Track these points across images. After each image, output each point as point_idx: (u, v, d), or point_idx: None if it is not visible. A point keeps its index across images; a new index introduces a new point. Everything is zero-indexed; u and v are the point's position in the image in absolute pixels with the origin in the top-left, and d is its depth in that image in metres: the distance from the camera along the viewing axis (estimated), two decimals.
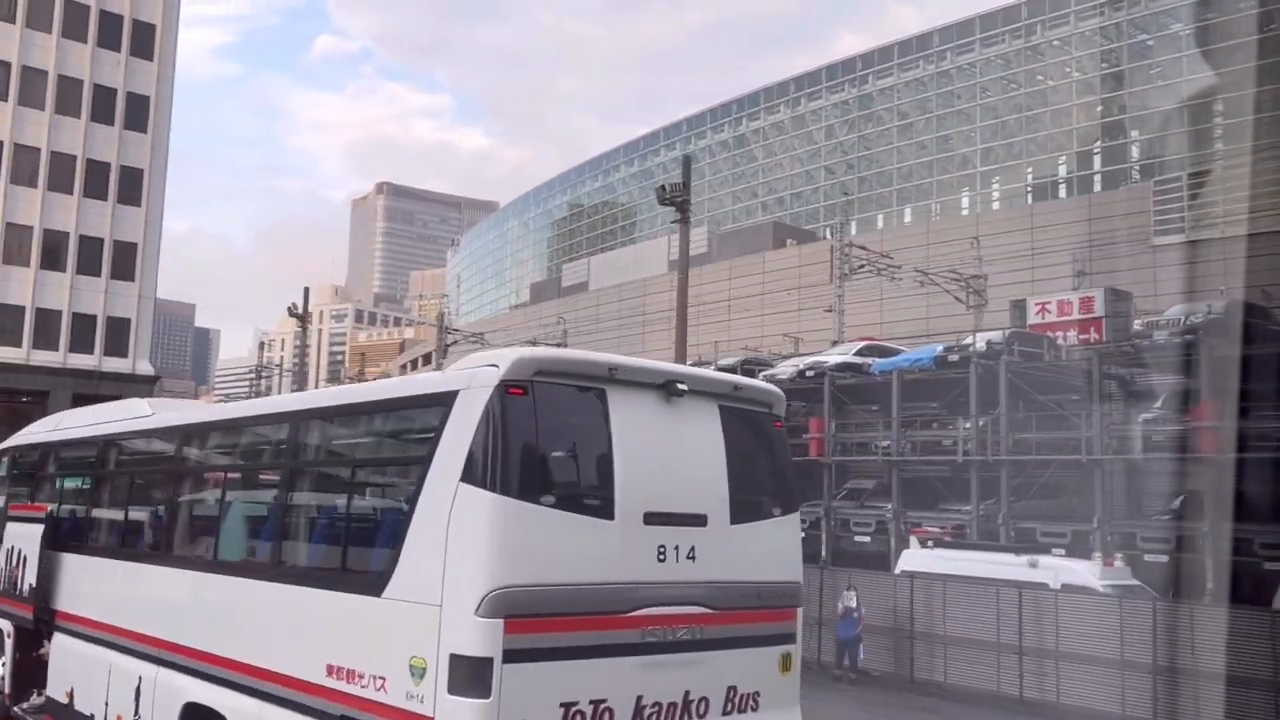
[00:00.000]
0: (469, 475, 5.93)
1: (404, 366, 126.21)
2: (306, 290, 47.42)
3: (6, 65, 46.25)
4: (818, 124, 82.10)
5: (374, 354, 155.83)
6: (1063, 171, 67.83)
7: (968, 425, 27.13)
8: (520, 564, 5.83)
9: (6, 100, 46.14)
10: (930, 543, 21.47)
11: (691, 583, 6.57)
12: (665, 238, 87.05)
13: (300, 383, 64.34)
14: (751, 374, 35.30)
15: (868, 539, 29.45)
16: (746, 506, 7.09)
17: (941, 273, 37.85)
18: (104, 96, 48.84)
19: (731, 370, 36.11)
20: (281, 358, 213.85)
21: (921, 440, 29.18)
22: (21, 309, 46.12)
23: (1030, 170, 69.29)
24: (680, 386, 6.70)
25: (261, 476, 8.87)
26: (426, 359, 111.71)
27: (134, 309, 49.22)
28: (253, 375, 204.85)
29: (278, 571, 7.55)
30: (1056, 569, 18.13)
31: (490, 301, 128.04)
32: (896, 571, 20.54)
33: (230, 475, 9.25)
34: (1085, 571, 18.24)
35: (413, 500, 6.33)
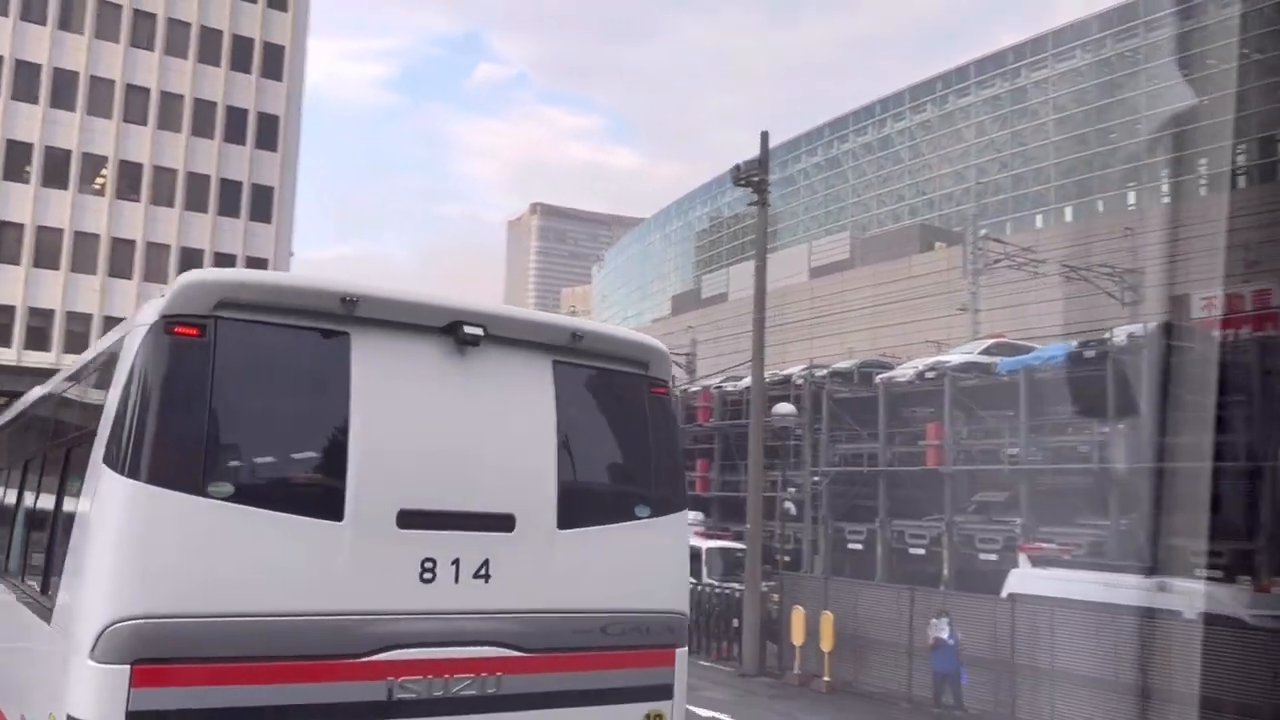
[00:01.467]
0: (109, 455, 4.26)
1: None
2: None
3: (145, 91, 48.28)
4: (967, 121, 77.83)
5: None
6: (1242, 160, 61.60)
7: (1104, 429, 23.85)
8: (165, 584, 4.04)
9: (146, 124, 48.15)
10: (1038, 561, 18.59)
11: (483, 613, 4.65)
12: (805, 245, 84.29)
13: None
14: (869, 377, 32.76)
15: (994, 556, 26.37)
16: (593, 504, 5.19)
17: (1094, 268, 34.21)
18: (236, 117, 50.43)
19: (847, 375, 33.64)
20: None
21: (1054, 446, 25.95)
22: None
23: (1205, 161, 63.30)
24: (471, 331, 4.74)
25: None
26: None
27: None
28: None
29: None
30: (1192, 594, 15.06)
31: (634, 315, 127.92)
32: (1003, 594, 17.78)
33: None
34: (1230, 598, 15.11)
35: (76, 494, 4.69)
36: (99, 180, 47.28)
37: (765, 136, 20.86)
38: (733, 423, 32.45)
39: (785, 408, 22.80)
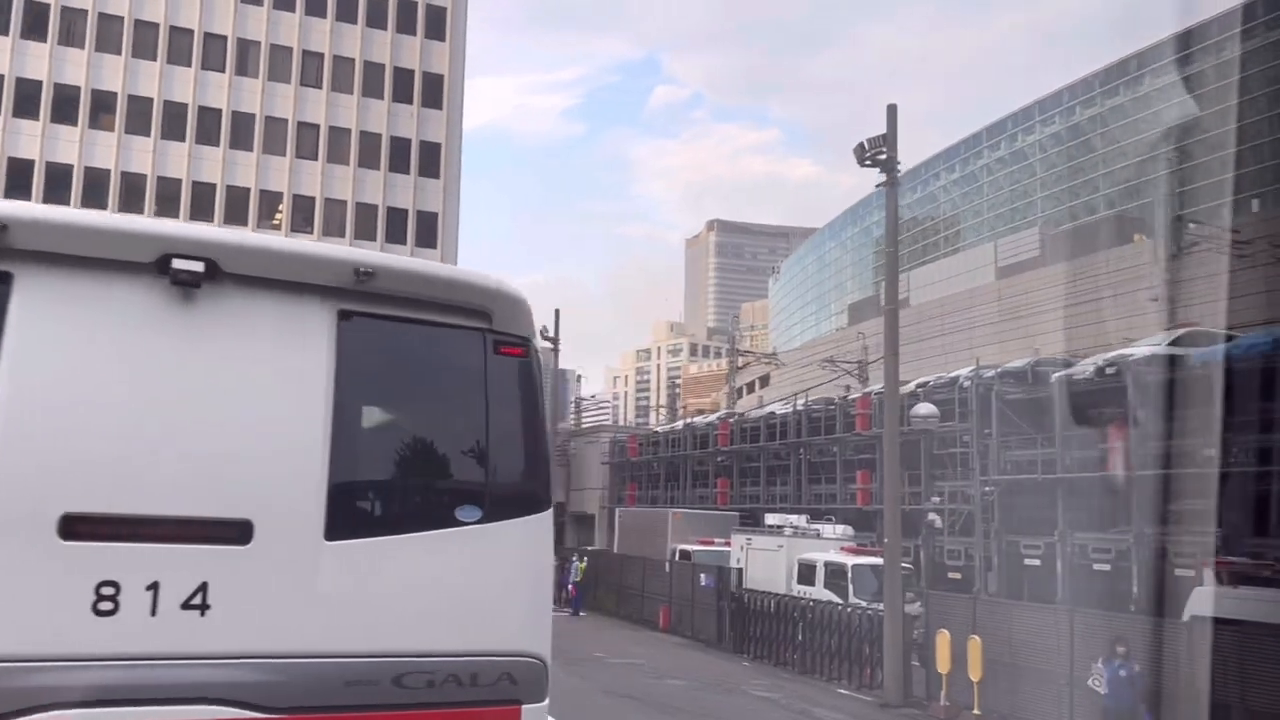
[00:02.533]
0: None
1: (735, 395, 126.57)
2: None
3: (314, 126, 50.57)
4: (1166, 102, 71.69)
5: (704, 385, 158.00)
6: None
7: None
8: None
9: (317, 159, 50.40)
10: (1230, 578, 15.77)
11: (198, 659, 3.40)
12: (991, 244, 79.78)
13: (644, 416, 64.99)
14: (1043, 377, 29.75)
15: (1191, 572, 23.14)
16: (387, 506, 3.96)
17: None
18: (400, 147, 52.09)
19: (1019, 375, 30.68)
20: (625, 392, 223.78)
21: (1258, 445, 22.50)
22: None
23: None
24: (185, 267, 3.53)
25: None
26: (750, 387, 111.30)
27: None
28: (604, 408, 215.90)
29: None
30: None
31: (812, 326, 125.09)
32: (1185, 617, 15.16)
33: None
34: None
35: None
36: (277, 216, 49.76)
37: (892, 110, 19.01)
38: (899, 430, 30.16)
39: (925, 408, 20.73)
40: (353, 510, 3.76)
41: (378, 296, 3.89)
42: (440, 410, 4.12)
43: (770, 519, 28.23)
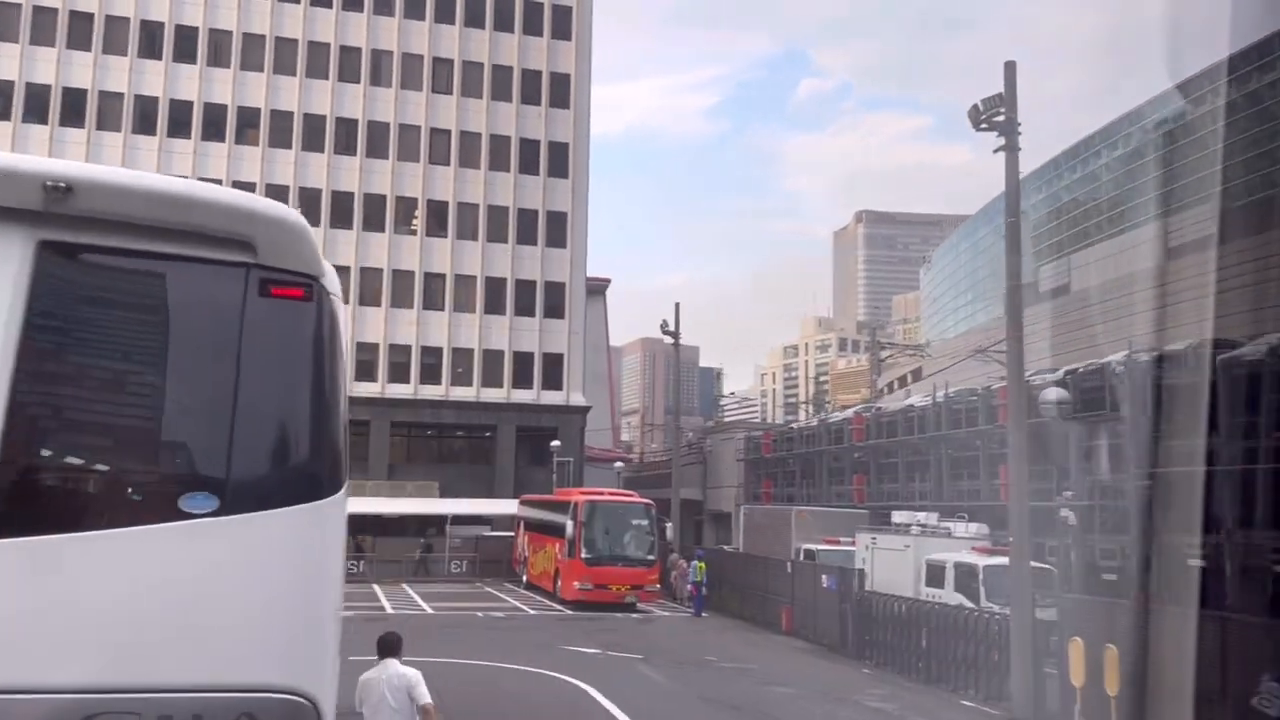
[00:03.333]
0: None
1: (882, 390, 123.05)
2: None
3: (446, 132, 51.43)
4: None
5: (853, 381, 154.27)
6: None
7: None
8: None
9: (449, 164, 51.25)
10: None
11: None
12: (1157, 223, 74.41)
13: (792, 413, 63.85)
14: (1207, 360, 27.08)
15: None
16: (90, 494, 3.18)
17: None
18: (529, 148, 52.40)
19: (1178, 358, 28.07)
20: (773, 390, 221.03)
21: None
22: (470, 351, 50.52)
23: None
24: None
25: None
26: (902, 381, 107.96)
27: (565, 344, 51.75)
28: (751, 405, 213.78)
29: None
30: None
31: (966, 316, 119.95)
32: None
33: None
34: None
35: None
36: (413, 222, 50.84)
37: (1010, 68, 17.35)
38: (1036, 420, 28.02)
39: (1054, 394, 18.82)
40: (28, 498, 2.99)
41: (91, 222, 3.07)
42: (173, 367, 3.25)
43: (897, 517, 26.63)
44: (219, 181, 47.79)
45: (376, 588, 35.40)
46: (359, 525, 40.47)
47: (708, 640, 24.14)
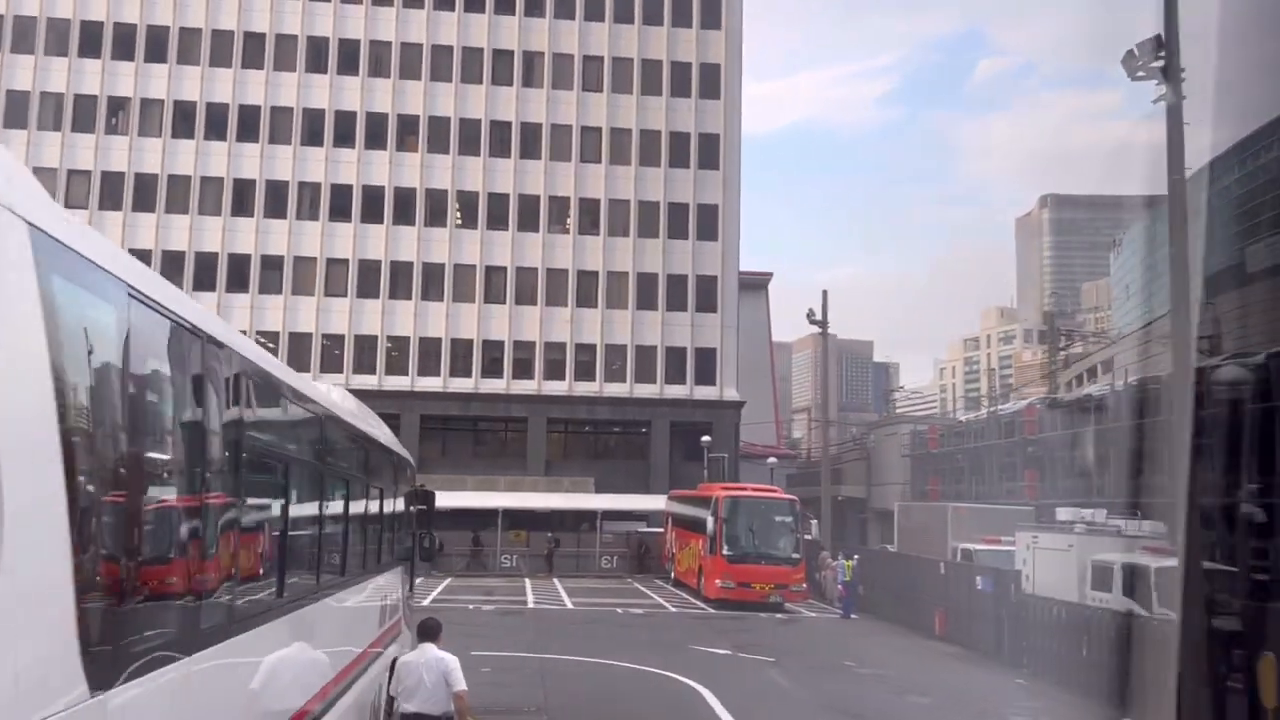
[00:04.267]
0: None
1: (1070, 382, 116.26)
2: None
3: (597, 130, 51.51)
4: None
5: (1037, 373, 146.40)
6: None
7: None
8: None
9: (600, 161, 51.33)
10: None
11: None
12: None
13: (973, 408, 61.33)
14: None
15: None
16: None
17: None
18: (679, 142, 51.86)
19: None
20: (952, 384, 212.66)
21: None
22: (623, 347, 50.42)
23: None
24: None
25: None
26: (1092, 372, 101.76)
27: (718, 339, 50.92)
28: (926, 400, 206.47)
29: None
30: None
31: (1160, 302, 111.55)
32: None
33: None
34: None
35: None
36: (566, 221, 51.19)
37: (1171, 5, 15.38)
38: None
39: (1231, 372, 16.55)
40: None
41: None
42: None
43: (1062, 514, 24.45)
44: (381, 188, 49.56)
45: (527, 582, 35.64)
46: (514, 520, 41.00)
47: (850, 643, 22.83)
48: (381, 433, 9.76)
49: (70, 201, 47.96)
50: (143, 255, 47.96)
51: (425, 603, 27.63)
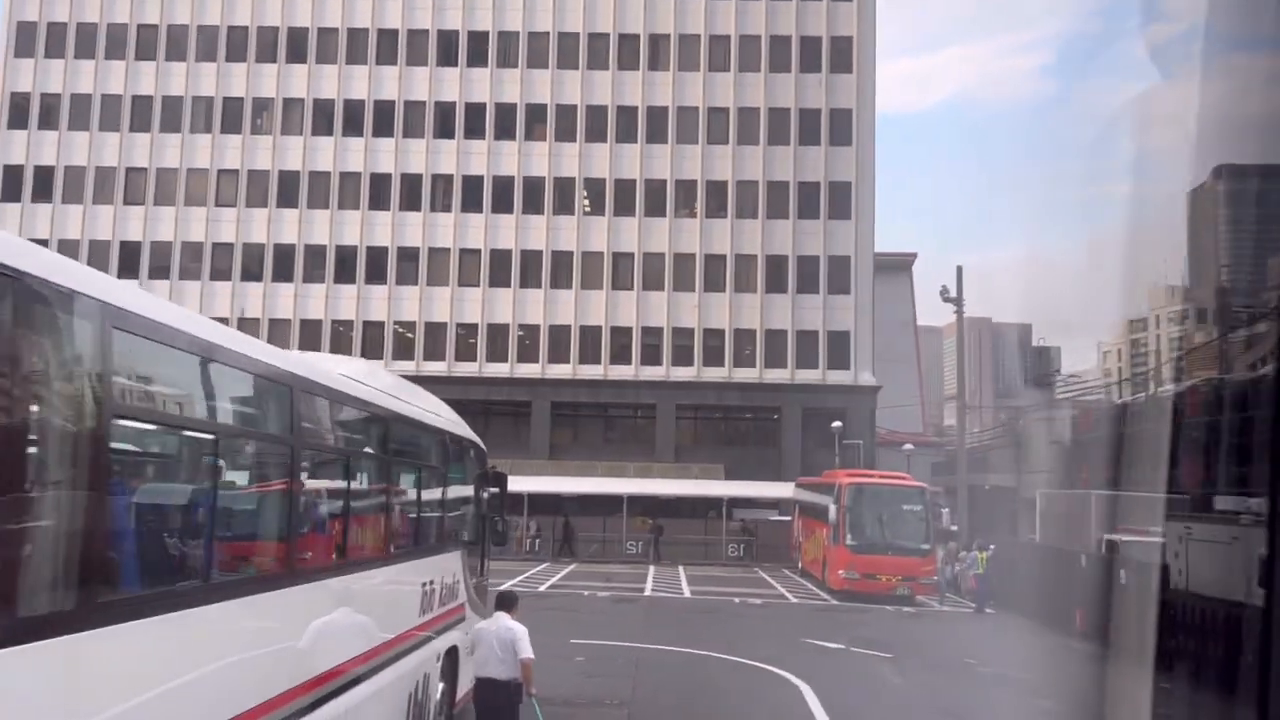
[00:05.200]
0: None
1: (1254, 364, 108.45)
2: None
3: (724, 111, 50.53)
4: None
5: (1211, 355, 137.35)
6: None
7: None
8: None
9: (727, 142, 50.35)
10: None
11: None
12: None
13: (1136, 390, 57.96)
14: None
15: None
16: None
17: None
18: (809, 119, 50.34)
19: None
20: (1117, 367, 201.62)
21: None
22: (752, 332, 49.37)
23: None
24: None
25: None
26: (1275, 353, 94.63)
27: (851, 321, 49.24)
28: (1086, 384, 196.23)
29: None
30: None
31: None
32: None
33: None
34: None
35: None
36: (695, 205, 50.45)
37: None
38: None
39: None
40: None
41: None
42: None
43: (1222, 503, 22.20)
44: (510, 178, 50.00)
45: (652, 569, 35.24)
46: (644, 507, 40.65)
47: (977, 640, 21.39)
48: (425, 413, 9.29)
49: (220, 200, 50.39)
50: (287, 250, 49.94)
51: (543, 588, 27.59)
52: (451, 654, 10.34)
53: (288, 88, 51.13)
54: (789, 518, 38.80)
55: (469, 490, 11.54)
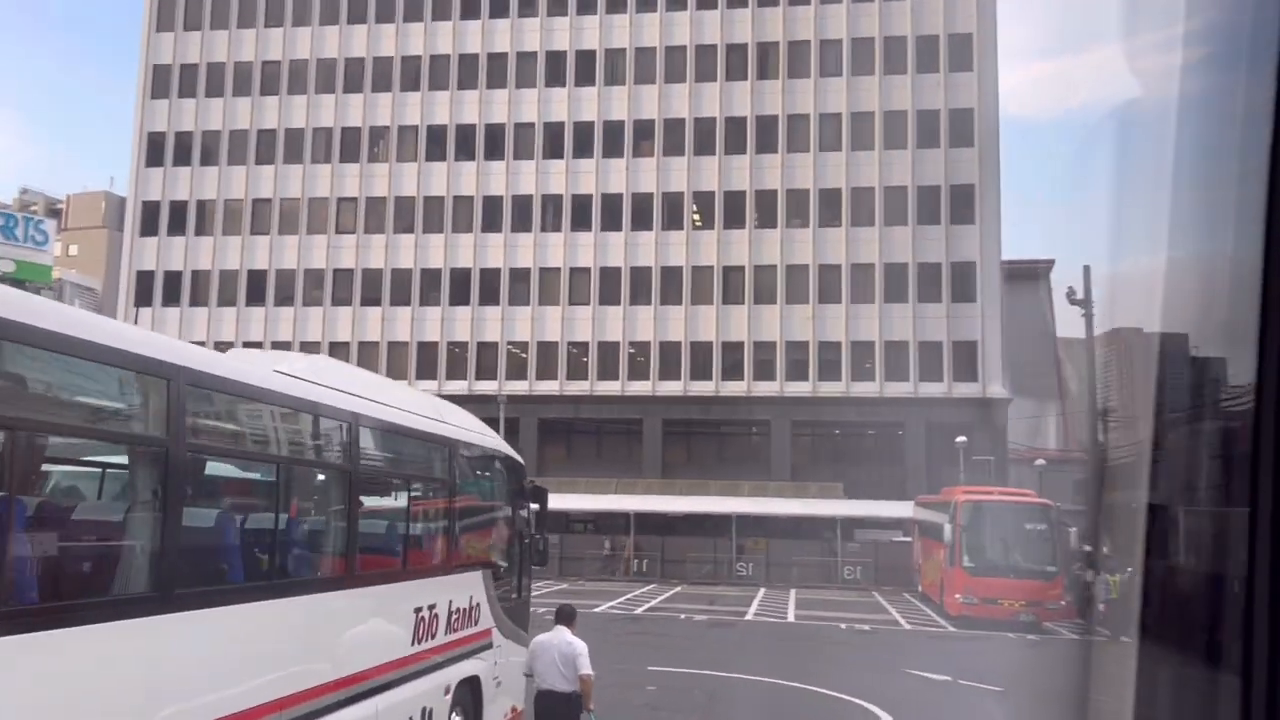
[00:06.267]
0: None
1: None
2: None
3: (836, 116, 48.92)
4: None
5: None
6: None
7: None
8: None
9: (839, 149, 48.69)
10: None
11: None
12: None
13: None
14: None
15: None
16: None
17: None
18: (927, 120, 48.24)
19: None
20: None
21: None
22: (870, 344, 47.37)
23: None
24: None
25: None
26: None
27: (978, 331, 46.70)
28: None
29: None
30: None
31: None
32: None
33: None
34: None
35: None
36: (808, 214, 48.91)
37: None
38: None
39: None
40: None
41: None
42: None
43: None
44: (619, 195, 49.56)
45: (762, 591, 33.84)
46: (751, 527, 39.21)
47: (1110, 672, 19.26)
48: (409, 417, 8.43)
49: (340, 227, 51.66)
50: (403, 274, 50.75)
51: (639, 611, 26.58)
52: (471, 684, 9.48)
53: (402, 115, 52.13)
54: (910, 538, 36.75)
55: (494, 506, 10.69)
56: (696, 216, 49.90)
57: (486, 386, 48.35)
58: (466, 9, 52.27)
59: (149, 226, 52.77)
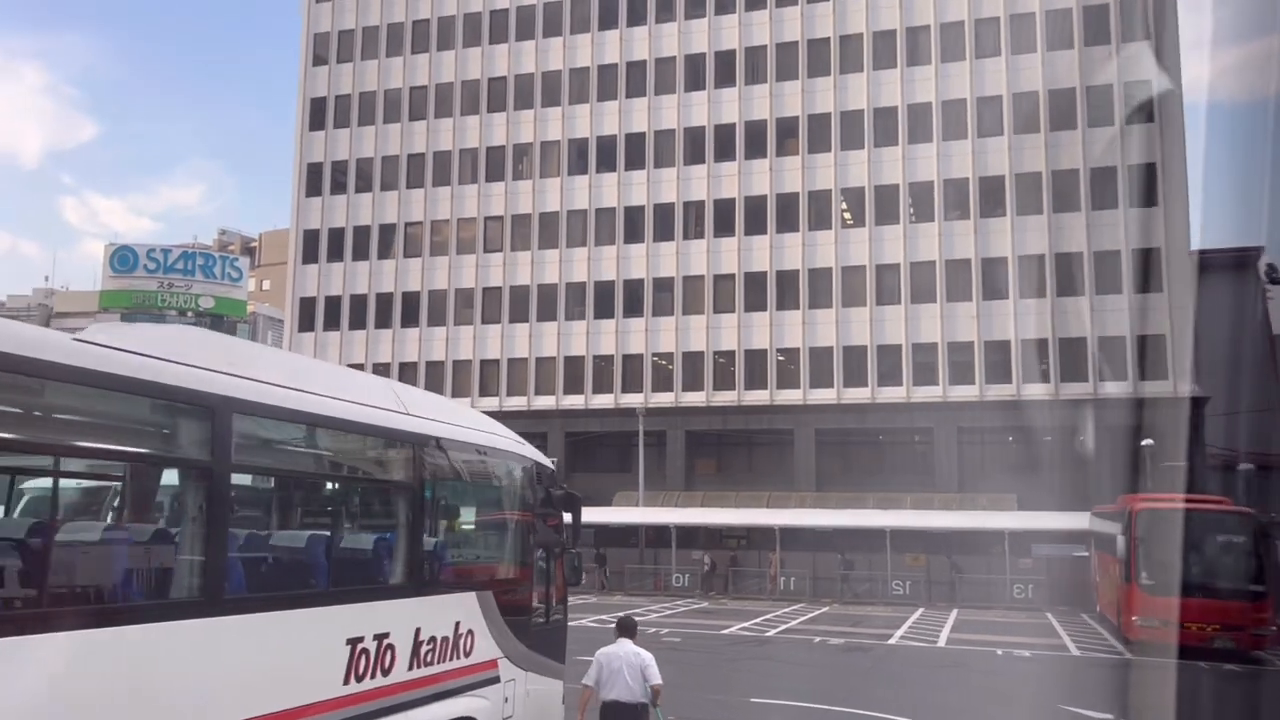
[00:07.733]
0: None
1: None
2: None
3: (996, 99, 45.46)
4: None
5: None
6: None
7: None
8: None
9: (1001, 133, 45.16)
10: None
11: None
12: None
13: None
14: None
15: None
16: None
17: None
18: (1099, 96, 44.17)
19: None
20: None
21: None
22: (1044, 341, 43.53)
23: None
24: None
25: None
26: None
27: (1167, 324, 42.12)
28: None
29: None
30: None
31: None
32: None
33: None
34: None
35: None
36: (969, 204, 45.63)
37: None
38: None
39: None
40: None
41: None
42: None
43: None
44: (763, 199, 47.68)
45: (919, 612, 31.12)
46: (909, 541, 36.36)
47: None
48: (371, 415, 7.08)
49: (488, 245, 51.94)
50: (549, 290, 50.47)
51: (771, 633, 24.63)
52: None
53: (544, 131, 52.02)
54: (1088, 553, 33.06)
55: (499, 516, 9.26)
56: (846, 214, 47.39)
57: (632, 399, 47.28)
58: (604, 19, 51.78)
59: (310, 254, 54.64)
